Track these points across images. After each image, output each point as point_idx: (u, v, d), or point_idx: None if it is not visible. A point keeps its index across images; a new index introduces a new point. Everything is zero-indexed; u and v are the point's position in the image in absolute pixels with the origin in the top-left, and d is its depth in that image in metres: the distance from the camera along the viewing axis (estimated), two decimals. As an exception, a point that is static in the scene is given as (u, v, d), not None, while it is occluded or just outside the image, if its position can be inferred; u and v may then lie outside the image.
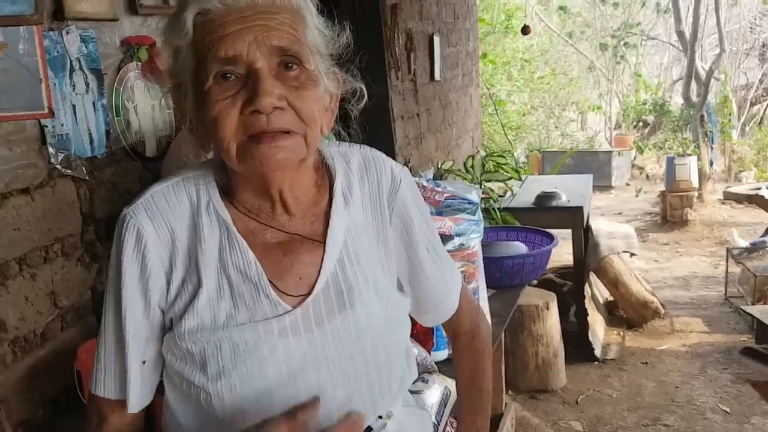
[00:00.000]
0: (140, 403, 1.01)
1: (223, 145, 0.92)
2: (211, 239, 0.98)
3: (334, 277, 1.01)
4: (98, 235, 1.94)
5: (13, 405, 1.66)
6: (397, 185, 1.08)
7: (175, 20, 0.94)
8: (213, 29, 0.90)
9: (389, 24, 3.84)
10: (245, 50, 0.89)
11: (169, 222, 0.98)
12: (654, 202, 8.92)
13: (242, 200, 1.01)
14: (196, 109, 0.94)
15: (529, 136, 11.44)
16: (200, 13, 0.91)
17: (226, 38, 0.89)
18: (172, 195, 1.00)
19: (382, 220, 1.07)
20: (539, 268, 2.58)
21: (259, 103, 0.88)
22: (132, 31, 2.06)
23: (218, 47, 0.89)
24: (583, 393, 3.87)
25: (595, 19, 13.76)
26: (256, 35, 0.89)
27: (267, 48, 0.90)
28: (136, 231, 0.97)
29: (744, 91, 12.53)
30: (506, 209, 4.00)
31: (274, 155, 0.91)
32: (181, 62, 0.95)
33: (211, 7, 0.90)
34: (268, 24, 0.90)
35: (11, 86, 1.65)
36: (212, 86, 0.90)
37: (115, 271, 0.99)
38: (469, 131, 6.10)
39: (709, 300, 5.48)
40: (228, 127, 0.90)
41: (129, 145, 2.04)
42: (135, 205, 0.99)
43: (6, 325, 1.65)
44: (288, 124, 0.91)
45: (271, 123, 0.90)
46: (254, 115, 0.89)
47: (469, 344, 1.27)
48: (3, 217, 1.64)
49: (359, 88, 1.04)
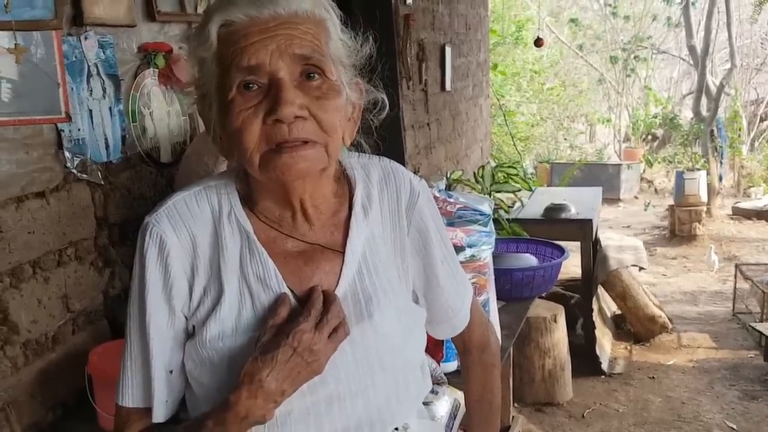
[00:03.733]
0: (166, 413, 1.01)
1: (246, 156, 0.93)
2: (233, 248, 0.99)
3: (353, 287, 1.01)
4: (112, 240, 1.95)
5: (23, 407, 1.67)
6: (415, 198, 1.09)
7: (199, 32, 0.95)
8: (236, 40, 0.91)
9: (401, 34, 3.86)
10: (268, 59, 0.90)
11: (191, 230, 0.99)
12: (662, 216, 8.89)
13: (263, 209, 1.02)
14: (220, 119, 0.95)
15: (537, 147, 11.44)
16: (224, 25, 0.92)
17: (248, 48, 0.90)
18: (194, 203, 1.01)
19: (400, 232, 1.08)
20: (549, 281, 2.58)
21: (281, 112, 0.89)
22: (149, 37, 2.07)
23: (241, 57, 0.90)
24: (589, 407, 3.85)
25: (606, 32, 13.77)
26: (279, 44, 0.90)
27: (289, 57, 0.91)
28: (159, 239, 0.97)
29: (754, 107, 12.50)
30: (515, 220, 4.00)
31: (295, 164, 0.91)
32: (205, 73, 0.96)
33: (234, 18, 0.92)
34: (290, 33, 0.91)
35: (29, 90, 1.67)
36: (235, 96, 0.91)
37: (138, 279, 0.99)
38: (479, 141, 6.11)
39: (716, 315, 5.45)
40: (251, 137, 0.91)
41: (144, 151, 2.05)
42: (157, 213, 1.00)
43: (18, 328, 1.65)
44: (309, 134, 0.92)
45: (292, 133, 0.90)
46: (276, 124, 0.90)
47: (480, 358, 1.27)
48: (18, 220, 1.65)
49: (381, 98, 1.05)
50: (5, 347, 1.62)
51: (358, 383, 0.99)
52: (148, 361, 0.99)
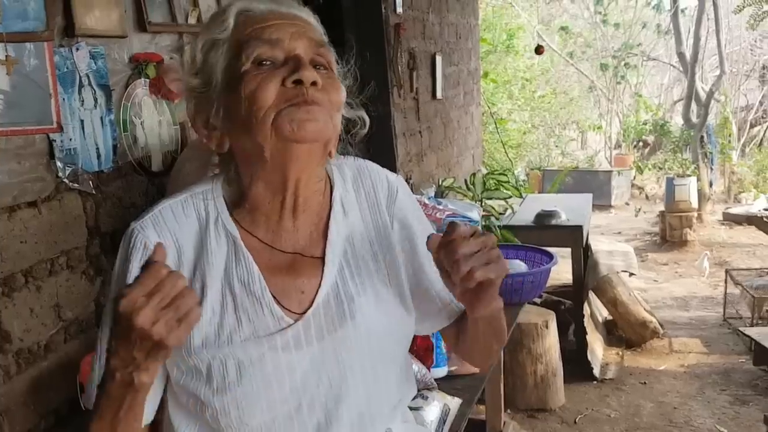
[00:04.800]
0: (149, 413, 1.01)
1: (260, 115, 0.94)
2: (218, 253, 1.01)
3: (335, 288, 1.03)
4: (103, 249, 1.96)
5: (15, 416, 1.67)
6: (394, 192, 1.11)
7: (216, 17, 1.00)
8: (256, 21, 0.97)
9: (392, 43, 3.88)
10: (287, 37, 0.96)
11: (176, 237, 1.00)
12: (653, 222, 8.94)
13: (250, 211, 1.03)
14: (228, 98, 0.97)
15: (529, 154, 11.49)
16: (242, 12, 0.98)
17: (269, 27, 0.97)
18: (180, 210, 1.02)
19: (384, 229, 1.09)
20: (538, 287, 2.59)
21: (302, 73, 0.94)
22: (140, 48, 2.09)
23: (261, 32, 0.96)
24: (581, 412, 3.87)
25: (596, 40, 13.86)
26: (297, 30, 0.98)
27: (307, 39, 0.98)
28: (143, 245, 0.99)
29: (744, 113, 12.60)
30: (506, 227, 4.01)
31: (311, 119, 0.94)
32: (213, 57, 0.98)
33: (254, 8, 0.98)
34: (306, 26, 0.99)
35: (21, 101, 1.68)
36: (250, 68, 0.95)
37: (117, 284, 1.00)
38: (470, 149, 6.14)
39: (707, 321, 5.48)
40: (268, 95, 0.94)
41: (135, 160, 2.07)
42: (143, 220, 1.01)
43: (11, 337, 1.66)
44: (322, 101, 0.96)
45: (309, 94, 0.94)
46: (294, 87, 0.94)
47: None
48: (11, 230, 1.66)
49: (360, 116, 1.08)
50: (-3, 356, 1.63)
51: (340, 386, 1.00)
52: None
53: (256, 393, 0.96)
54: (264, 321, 0.99)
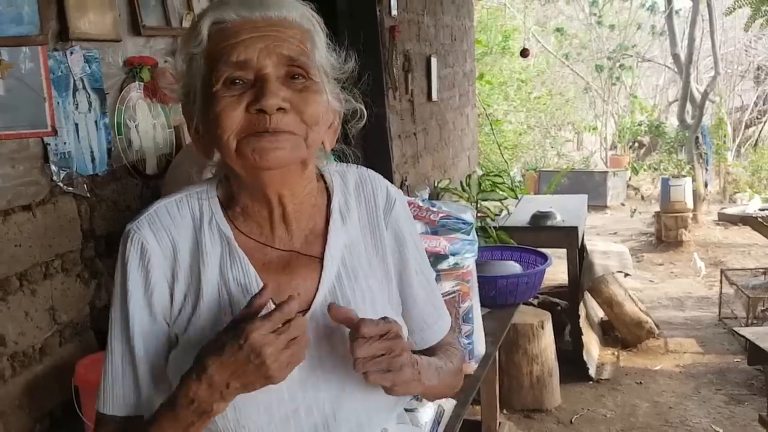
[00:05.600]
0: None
1: (224, 140, 0.94)
2: (213, 254, 1.01)
3: (332, 292, 1.03)
4: (98, 252, 1.96)
5: (10, 419, 1.68)
6: (392, 203, 1.11)
7: (191, 30, 0.99)
8: (226, 37, 0.95)
9: (387, 45, 3.89)
10: (255, 56, 0.93)
11: (171, 236, 1.01)
12: (649, 223, 8.96)
13: (243, 212, 1.03)
14: (203, 112, 0.98)
15: (525, 155, 11.52)
16: (215, 23, 0.96)
17: (238, 45, 0.94)
18: (175, 210, 1.03)
19: (380, 239, 1.10)
20: (533, 288, 2.61)
21: (265, 102, 0.92)
22: (134, 51, 2.09)
23: (230, 53, 0.94)
24: (577, 413, 3.88)
25: (592, 41, 13.91)
26: (267, 44, 0.94)
27: (276, 56, 0.94)
28: (141, 245, 0.99)
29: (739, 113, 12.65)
30: (501, 228, 4.03)
31: (272, 150, 0.93)
32: (193, 70, 0.98)
33: (226, 17, 0.96)
34: (279, 35, 0.95)
35: (15, 105, 1.68)
36: (220, 88, 0.94)
37: (120, 286, 1.01)
38: (466, 150, 6.15)
39: (703, 321, 5.50)
40: (231, 122, 0.93)
41: (130, 163, 2.07)
42: (139, 220, 1.02)
43: (5, 340, 1.66)
44: (289, 126, 0.94)
45: (273, 123, 0.93)
46: (258, 114, 0.93)
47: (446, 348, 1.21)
48: (5, 234, 1.67)
49: (359, 108, 1.08)
50: (-8, 359, 1.63)
51: (338, 389, 1.00)
52: (133, 367, 1.00)
53: (253, 395, 0.96)
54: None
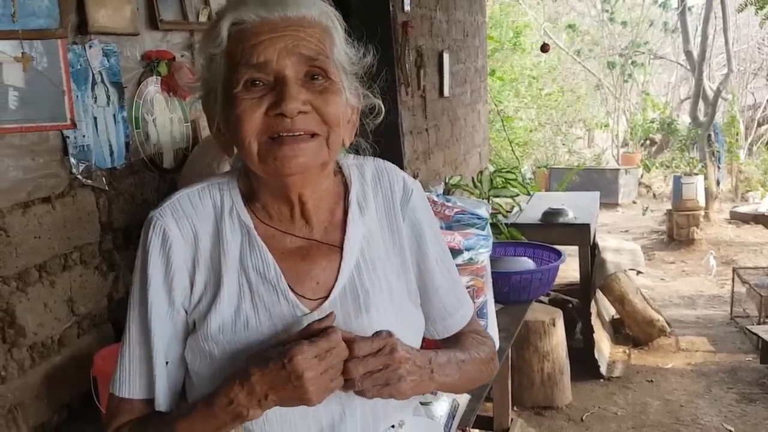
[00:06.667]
0: (168, 402, 1.03)
1: (245, 143, 0.96)
2: (233, 242, 1.02)
3: (351, 282, 1.04)
4: (116, 244, 1.98)
5: (29, 409, 1.69)
6: (409, 194, 1.12)
7: (211, 30, 0.99)
8: (246, 38, 0.95)
9: (400, 41, 3.89)
10: (275, 57, 0.94)
11: (193, 224, 1.02)
12: (660, 221, 8.93)
13: (263, 205, 1.05)
14: (224, 112, 0.99)
15: (536, 152, 11.48)
16: (235, 23, 0.97)
17: (257, 46, 0.94)
18: (197, 199, 1.04)
19: (398, 230, 1.11)
20: (547, 284, 2.61)
21: (285, 106, 0.93)
22: (152, 45, 2.10)
23: (250, 54, 0.94)
24: (588, 410, 3.88)
25: (604, 38, 13.84)
26: (286, 44, 0.95)
27: (296, 57, 0.95)
28: (162, 232, 1.01)
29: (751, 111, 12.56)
30: (513, 225, 4.03)
31: (295, 157, 0.95)
32: (213, 70, 1.00)
33: (245, 17, 0.96)
34: (298, 35, 0.96)
35: (36, 98, 1.70)
36: (240, 90, 0.95)
37: (140, 271, 1.02)
38: (477, 147, 6.14)
39: (714, 319, 5.48)
40: (251, 125, 0.94)
41: (147, 157, 2.08)
42: (161, 208, 1.03)
43: (25, 331, 1.68)
44: (311, 127, 0.96)
45: (294, 125, 0.94)
46: (279, 117, 0.94)
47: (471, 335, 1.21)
48: (25, 225, 1.68)
49: (377, 104, 1.09)
50: (12, 350, 1.65)
51: None
52: (148, 351, 1.01)
53: None
54: (280, 308, 1.01)
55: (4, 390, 1.62)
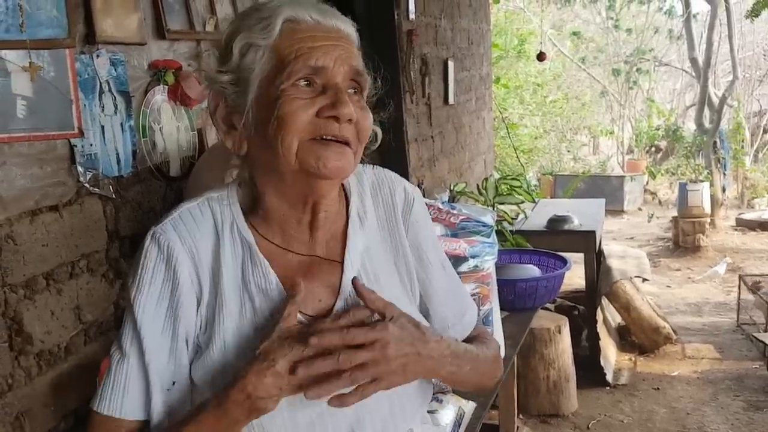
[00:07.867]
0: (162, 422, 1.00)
1: (286, 139, 0.95)
2: (234, 258, 1.01)
3: (353, 297, 1.03)
4: (123, 253, 1.98)
5: (36, 416, 1.70)
6: (411, 203, 1.12)
7: (260, 20, 0.98)
8: (303, 39, 0.96)
9: (405, 49, 3.91)
10: (332, 64, 0.96)
11: (195, 240, 1.01)
12: (666, 228, 8.91)
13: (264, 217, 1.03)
14: (259, 105, 0.97)
15: (541, 159, 11.47)
16: (290, 20, 0.97)
17: (317, 49, 0.96)
18: (198, 213, 1.03)
19: (399, 238, 1.10)
20: (552, 292, 2.60)
21: (341, 110, 0.94)
22: (159, 55, 2.11)
23: (309, 56, 0.95)
24: (594, 418, 3.86)
25: (608, 45, 13.84)
26: (341, 53, 0.97)
27: (348, 67, 0.97)
28: (167, 248, 0.99)
29: (757, 118, 12.54)
30: (518, 232, 4.02)
31: (337, 160, 0.96)
32: (249, 59, 0.98)
33: (303, 17, 0.97)
34: (348, 48, 0.99)
35: (43, 107, 1.71)
36: (290, 87, 0.95)
37: (138, 287, 1.01)
38: (482, 154, 6.15)
39: (721, 327, 5.46)
40: (300, 123, 0.95)
41: (154, 165, 2.09)
42: (163, 224, 1.02)
43: (32, 338, 1.69)
44: (350, 137, 0.97)
45: (342, 131, 0.95)
46: (328, 120, 0.95)
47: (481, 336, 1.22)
48: (33, 233, 1.69)
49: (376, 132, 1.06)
50: (19, 357, 1.65)
51: None
52: (143, 369, 0.98)
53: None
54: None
55: (12, 397, 1.63)
